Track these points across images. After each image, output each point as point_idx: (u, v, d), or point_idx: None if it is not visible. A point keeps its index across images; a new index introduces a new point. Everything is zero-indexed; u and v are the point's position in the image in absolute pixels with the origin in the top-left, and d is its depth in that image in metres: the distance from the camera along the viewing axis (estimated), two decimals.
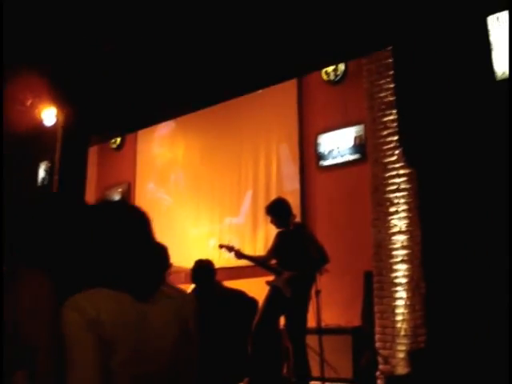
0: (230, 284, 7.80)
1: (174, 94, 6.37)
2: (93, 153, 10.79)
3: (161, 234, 6.27)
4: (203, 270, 5.03)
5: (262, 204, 7.44)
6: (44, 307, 1.88)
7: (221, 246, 6.42)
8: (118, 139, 10.53)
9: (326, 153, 7.55)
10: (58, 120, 7.04)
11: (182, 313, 1.85)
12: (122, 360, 1.64)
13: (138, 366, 1.68)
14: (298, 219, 6.88)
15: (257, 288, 5.90)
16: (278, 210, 5.79)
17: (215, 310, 4.63)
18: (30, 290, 1.90)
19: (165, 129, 9.78)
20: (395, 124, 5.96)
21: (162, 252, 1.89)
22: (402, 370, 5.56)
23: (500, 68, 4.84)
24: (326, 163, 7.56)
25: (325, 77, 7.69)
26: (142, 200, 9.88)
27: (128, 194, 10.14)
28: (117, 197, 10.32)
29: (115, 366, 1.63)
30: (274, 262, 5.86)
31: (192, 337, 1.86)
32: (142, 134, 10.14)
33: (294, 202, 7.51)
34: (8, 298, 1.85)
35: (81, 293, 1.68)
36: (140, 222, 1.87)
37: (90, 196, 10.64)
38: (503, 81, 4.81)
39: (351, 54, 6.01)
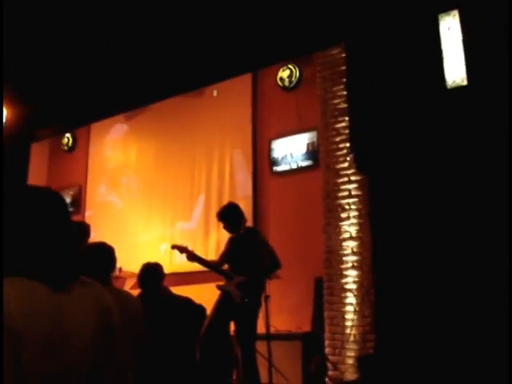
0: (181, 289, 7.72)
1: (120, 86, 6.25)
2: (44, 154, 10.61)
3: (112, 238, 6.16)
4: (150, 273, 4.91)
5: (215, 209, 7.37)
6: None
7: (173, 247, 6.30)
8: (70, 141, 10.35)
9: (279, 158, 7.55)
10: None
11: (103, 304, 1.76)
12: (32, 355, 1.53)
13: (50, 362, 1.57)
14: (250, 225, 6.86)
15: (209, 294, 5.82)
16: (229, 216, 5.73)
17: (161, 315, 4.53)
18: None
19: (117, 132, 9.65)
20: (347, 130, 6.00)
21: (76, 238, 1.80)
22: (351, 375, 5.57)
23: (451, 76, 4.91)
24: (279, 169, 7.55)
25: (279, 83, 7.69)
26: (93, 203, 9.72)
27: (79, 196, 9.96)
28: (67, 199, 10.13)
29: (25, 362, 1.52)
30: (225, 267, 5.80)
31: (115, 329, 1.79)
32: (94, 137, 9.98)
33: (247, 208, 7.49)
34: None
35: None
36: (56, 207, 1.75)
37: None
38: (454, 89, 4.88)
39: (302, 49, 5.98)
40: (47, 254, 1.67)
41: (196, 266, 6.32)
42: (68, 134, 10.37)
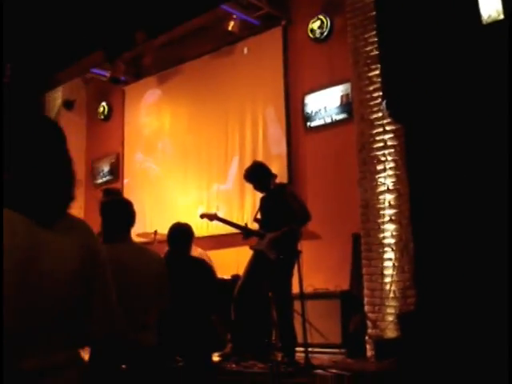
0: (220, 252, 7.66)
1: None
2: (81, 125, 10.65)
3: (150, 203, 6.25)
4: (178, 233, 4.79)
5: None
6: None
7: (202, 216, 6.21)
8: (106, 110, 10.31)
9: (312, 113, 7.28)
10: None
11: (89, 244, 1.65)
12: (4, 291, 1.41)
13: (24, 299, 1.46)
14: (285, 182, 6.67)
15: (247, 256, 5.68)
16: (255, 175, 5.55)
17: (186, 275, 4.41)
18: None
19: (151, 97, 9.55)
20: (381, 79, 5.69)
21: (70, 174, 1.64)
22: (391, 333, 5.37)
23: (486, 11, 4.57)
24: (313, 124, 7.29)
25: (310, 35, 7.38)
26: (130, 170, 9.69)
27: (117, 164, 9.94)
28: (106, 168, 10.13)
29: None
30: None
31: (99, 271, 1.66)
32: (129, 104, 9.92)
33: (281, 166, 7.31)
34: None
35: None
36: (50, 136, 1.62)
37: (80, 168, 10.49)
38: (490, 25, 4.54)
39: None
40: (33, 185, 1.54)
41: (232, 229, 6.19)
42: (104, 103, 10.34)
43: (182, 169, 8.72)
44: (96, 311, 1.64)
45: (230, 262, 6.95)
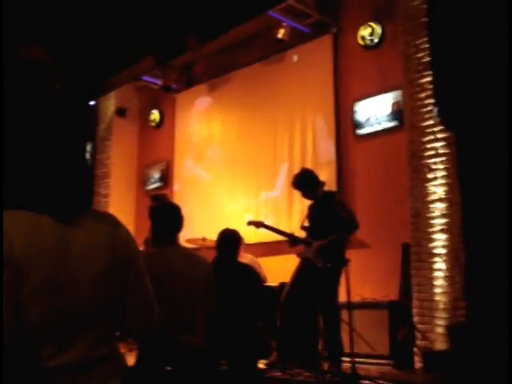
0: (267, 260, 7.65)
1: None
2: (133, 132, 10.82)
3: (198, 210, 6.33)
4: (226, 239, 4.81)
5: None
6: None
7: (249, 223, 6.21)
8: (158, 117, 10.45)
9: (362, 121, 7.21)
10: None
11: (117, 238, 1.64)
12: (34, 289, 1.43)
13: (55, 297, 1.47)
14: (334, 190, 6.62)
15: (295, 263, 5.66)
16: (304, 182, 5.53)
17: (232, 281, 4.42)
18: None
19: (201, 104, 9.63)
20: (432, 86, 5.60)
21: (89, 172, 1.66)
22: (440, 345, 5.26)
23: None
24: (362, 132, 7.21)
25: (361, 42, 7.33)
26: (180, 177, 9.78)
27: (167, 171, 10.05)
28: (156, 174, 10.27)
29: (27, 296, 1.42)
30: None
31: (131, 263, 1.65)
32: (180, 111, 10.03)
33: (330, 174, 7.26)
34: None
35: None
36: (67, 132, 1.64)
37: (132, 175, 10.67)
38: None
39: None
40: (53, 183, 1.56)
41: (280, 237, 6.18)
42: (155, 111, 10.49)
43: (231, 176, 8.76)
44: (131, 304, 1.65)
45: (278, 270, 6.93)
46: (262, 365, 5.27)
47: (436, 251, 5.50)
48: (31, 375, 1.41)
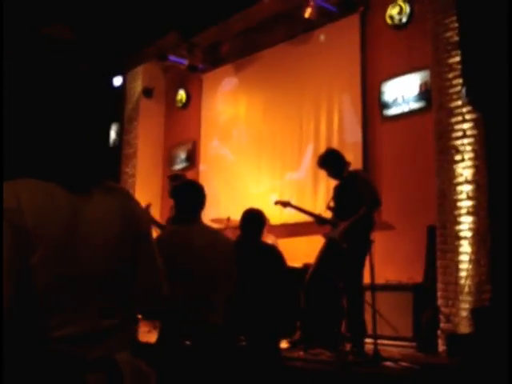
0: (292, 241, 7.65)
1: None
2: (160, 112, 10.84)
3: (223, 190, 6.37)
4: (250, 218, 4.80)
5: None
6: None
7: (276, 203, 6.25)
8: (184, 97, 10.45)
9: (389, 101, 7.11)
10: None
11: (129, 211, 1.64)
12: (44, 256, 1.43)
13: (65, 265, 1.47)
14: (358, 168, 6.57)
15: (319, 244, 5.65)
16: (329, 161, 5.49)
17: (254, 260, 4.42)
18: None
19: (227, 85, 9.60)
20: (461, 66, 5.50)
21: (104, 141, 1.65)
22: (464, 328, 5.21)
23: None
24: (389, 112, 7.12)
25: (389, 21, 7.21)
26: (206, 157, 9.79)
27: (193, 151, 10.07)
28: (183, 154, 10.29)
29: (36, 263, 1.42)
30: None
31: (142, 238, 1.65)
32: (206, 92, 10.02)
33: (357, 155, 7.19)
34: None
35: (5, 182, 1.47)
36: (84, 102, 1.63)
37: (158, 155, 10.71)
38: None
39: None
40: (66, 152, 1.55)
41: (304, 218, 6.18)
42: (181, 91, 10.48)
43: (256, 157, 8.74)
44: (140, 279, 1.64)
45: (302, 251, 6.93)
46: (285, 344, 5.30)
47: (462, 234, 5.43)
48: (36, 344, 1.42)
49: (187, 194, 3.56)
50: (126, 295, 1.60)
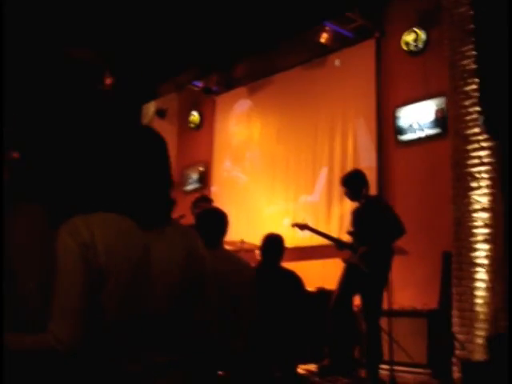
0: (304, 264, 7.63)
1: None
2: (173, 133, 10.91)
3: (236, 212, 6.35)
4: (271, 243, 4.82)
5: (337, 181, 7.13)
6: (34, 243, 1.73)
7: (293, 225, 6.24)
8: (197, 119, 10.52)
9: (405, 127, 7.16)
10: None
11: (195, 252, 1.68)
12: (114, 293, 1.46)
13: (132, 302, 1.49)
14: (378, 195, 6.59)
15: (332, 268, 5.67)
16: (354, 181, 5.52)
17: (276, 286, 4.43)
18: (21, 225, 1.76)
19: (241, 107, 9.68)
20: (478, 93, 5.53)
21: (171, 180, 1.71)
22: (479, 356, 5.18)
23: None
24: (405, 138, 7.16)
25: (405, 47, 7.28)
26: (218, 178, 9.84)
27: (206, 172, 10.12)
28: (195, 175, 10.34)
29: (104, 300, 1.45)
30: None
31: (206, 279, 1.69)
32: (219, 113, 10.09)
33: (371, 179, 7.14)
34: (4, 234, 1.72)
35: (80, 215, 1.51)
36: (155, 147, 1.70)
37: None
38: None
39: None
40: (138, 190, 1.60)
41: (318, 241, 6.19)
42: (195, 112, 10.57)
43: (270, 179, 8.78)
44: (199, 319, 1.67)
45: (315, 275, 6.92)
46: (313, 369, 5.29)
47: (478, 261, 5.42)
48: (111, 379, 1.44)
49: (210, 221, 3.60)
50: (184, 333, 1.62)
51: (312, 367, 5.35)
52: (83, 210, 1.54)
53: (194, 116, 10.60)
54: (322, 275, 6.52)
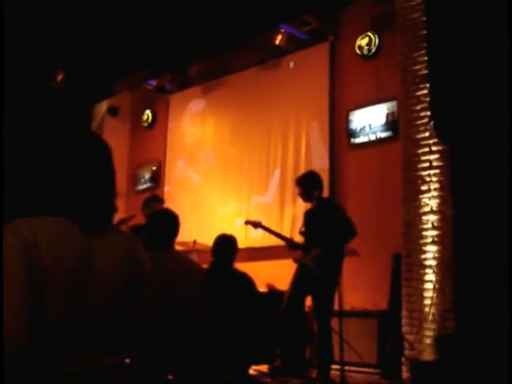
0: (256, 265, 7.64)
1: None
2: (125, 132, 10.78)
3: (189, 212, 6.29)
4: (223, 244, 4.79)
5: (290, 183, 7.22)
6: None
7: (246, 222, 6.22)
8: (150, 117, 10.43)
9: (357, 130, 7.25)
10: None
11: (135, 254, 1.71)
12: (56, 293, 1.47)
13: (75, 303, 1.51)
14: (330, 197, 6.65)
15: (284, 269, 5.68)
16: (309, 181, 5.56)
17: (228, 287, 4.42)
18: None
19: (195, 107, 9.64)
20: (429, 98, 5.65)
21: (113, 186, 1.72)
22: (428, 356, 5.28)
23: None
24: (357, 141, 7.26)
25: (358, 51, 7.37)
26: (171, 178, 9.77)
27: (158, 172, 10.04)
28: (147, 175, 10.24)
29: (48, 299, 1.45)
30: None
31: (145, 281, 1.71)
32: (173, 113, 10.03)
33: (323, 181, 7.25)
34: None
35: (23, 217, 1.52)
36: (98, 151, 1.71)
37: (122, 174, 10.62)
38: None
39: None
40: (83, 195, 1.62)
41: (271, 241, 6.21)
42: (148, 111, 10.47)
43: (223, 179, 8.77)
44: (141, 319, 1.70)
45: (266, 275, 6.93)
46: (264, 369, 5.30)
47: (427, 263, 5.53)
48: (48, 379, 1.44)
49: (161, 222, 3.57)
50: (126, 334, 1.64)
51: (263, 368, 5.35)
52: (28, 213, 1.54)
53: (147, 115, 10.50)
54: (273, 276, 6.53)
